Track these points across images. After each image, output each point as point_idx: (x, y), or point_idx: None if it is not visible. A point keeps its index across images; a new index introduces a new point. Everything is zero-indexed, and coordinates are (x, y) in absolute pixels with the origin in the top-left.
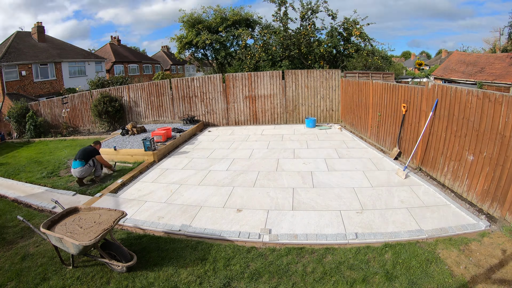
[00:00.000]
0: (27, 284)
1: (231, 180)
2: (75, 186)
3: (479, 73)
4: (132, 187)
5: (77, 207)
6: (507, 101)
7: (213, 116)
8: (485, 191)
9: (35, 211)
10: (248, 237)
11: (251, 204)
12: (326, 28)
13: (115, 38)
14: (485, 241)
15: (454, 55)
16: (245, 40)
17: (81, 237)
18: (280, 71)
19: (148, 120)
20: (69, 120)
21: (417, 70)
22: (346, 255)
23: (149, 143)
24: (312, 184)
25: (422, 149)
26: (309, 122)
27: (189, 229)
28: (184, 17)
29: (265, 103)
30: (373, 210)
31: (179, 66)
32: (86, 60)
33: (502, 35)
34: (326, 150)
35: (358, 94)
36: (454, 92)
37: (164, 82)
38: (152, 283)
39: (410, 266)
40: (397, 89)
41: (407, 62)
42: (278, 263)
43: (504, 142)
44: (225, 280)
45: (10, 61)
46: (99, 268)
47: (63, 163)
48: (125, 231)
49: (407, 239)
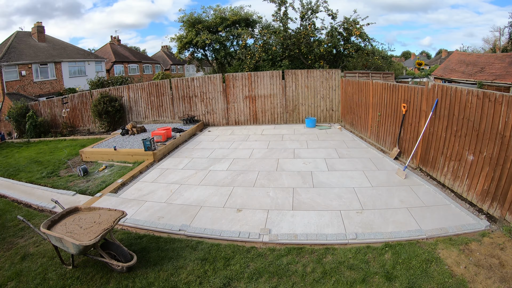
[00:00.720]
0: (27, 284)
1: (231, 180)
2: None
3: (479, 73)
4: (132, 187)
5: (77, 207)
6: (507, 101)
7: (213, 116)
8: (485, 191)
9: (35, 211)
10: (248, 237)
11: (251, 204)
12: (326, 28)
13: (115, 38)
14: (485, 241)
15: (454, 55)
16: (245, 40)
17: (81, 237)
18: (280, 71)
19: (148, 120)
20: (69, 120)
21: (417, 70)
22: (346, 255)
23: (149, 143)
24: (312, 184)
25: (422, 149)
26: (309, 122)
27: (189, 229)
28: (183, 17)
29: (265, 103)
30: (373, 210)
31: (179, 66)
32: (86, 60)
33: (503, 35)
34: (326, 150)
35: (358, 94)
36: (454, 92)
37: (164, 82)
38: (152, 283)
39: (410, 266)
40: (397, 89)
41: (407, 62)
42: (278, 263)
43: (504, 142)
44: (225, 280)
45: (10, 61)
46: (99, 268)
47: (63, 163)
48: (125, 231)
49: (407, 239)
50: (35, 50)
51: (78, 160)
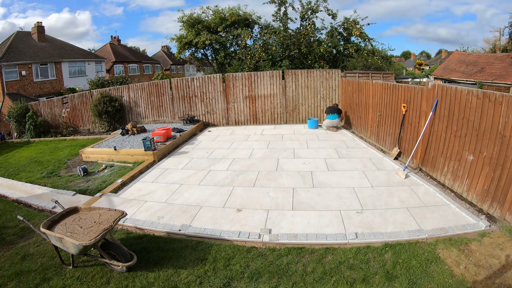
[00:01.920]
0: (27, 284)
1: (231, 180)
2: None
3: (479, 73)
4: (132, 187)
5: (77, 207)
6: (507, 101)
7: (213, 116)
8: (485, 191)
9: (35, 211)
10: (248, 237)
11: (251, 204)
12: (326, 28)
13: (115, 38)
14: (485, 241)
15: (454, 55)
16: (245, 41)
17: (81, 237)
18: (280, 71)
19: (148, 120)
20: (69, 120)
21: (417, 70)
22: (346, 255)
23: (149, 143)
24: (312, 184)
25: (422, 149)
26: (311, 123)
27: (189, 229)
28: (183, 17)
29: (265, 103)
30: (373, 210)
31: (179, 66)
32: (86, 60)
33: (503, 35)
34: (326, 150)
35: (358, 94)
36: (454, 92)
37: (164, 82)
38: (152, 283)
39: (410, 266)
40: (397, 89)
41: (407, 62)
42: (278, 263)
43: (504, 142)
44: (225, 280)
45: (10, 61)
46: (99, 268)
47: (63, 163)
48: (125, 231)
49: (407, 239)
50: (35, 50)
51: (78, 160)
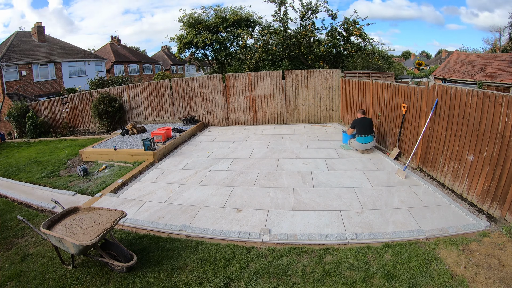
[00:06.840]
0: (27, 284)
1: (231, 180)
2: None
3: (479, 73)
4: (132, 187)
5: (77, 207)
6: (507, 101)
7: (213, 116)
8: (485, 191)
9: (35, 211)
10: (248, 237)
11: (251, 204)
12: (326, 28)
13: (115, 38)
14: (485, 241)
15: (454, 55)
16: (245, 40)
17: (81, 237)
18: (280, 71)
19: (148, 120)
20: (69, 120)
21: (417, 70)
22: (346, 255)
23: (149, 143)
24: (312, 184)
25: (422, 149)
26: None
27: (189, 229)
28: (184, 17)
29: (265, 103)
30: (373, 210)
31: (179, 66)
32: (86, 60)
33: (503, 35)
34: (326, 150)
35: (358, 94)
36: (454, 92)
37: (164, 82)
38: (152, 283)
39: (410, 266)
40: (397, 89)
41: (407, 62)
42: (278, 263)
43: (504, 142)
44: (225, 280)
45: (10, 61)
46: (99, 268)
47: (63, 163)
48: (125, 231)
49: (407, 239)
50: (35, 50)
51: (78, 160)
